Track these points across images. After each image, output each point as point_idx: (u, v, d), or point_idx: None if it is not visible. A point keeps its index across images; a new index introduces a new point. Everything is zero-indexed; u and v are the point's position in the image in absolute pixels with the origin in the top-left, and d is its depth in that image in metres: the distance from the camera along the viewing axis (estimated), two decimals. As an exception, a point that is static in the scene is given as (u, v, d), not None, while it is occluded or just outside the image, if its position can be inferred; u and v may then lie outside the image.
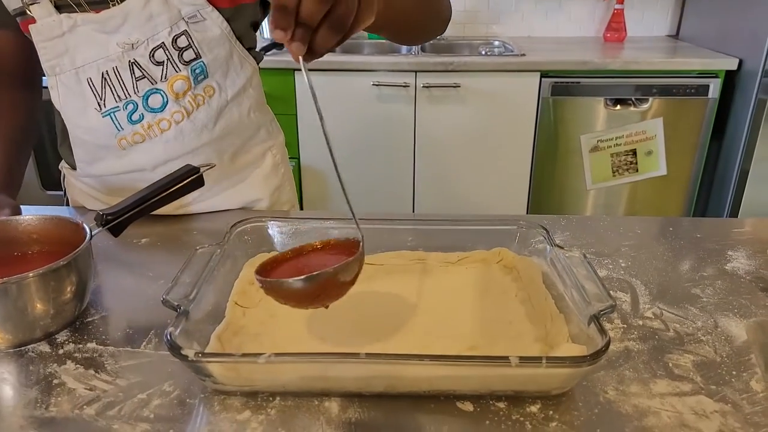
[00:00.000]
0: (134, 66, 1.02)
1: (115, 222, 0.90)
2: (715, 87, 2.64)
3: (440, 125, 2.75)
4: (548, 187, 2.88)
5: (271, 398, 0.67)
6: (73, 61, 1.02)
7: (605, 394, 0.68)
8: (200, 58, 1.04)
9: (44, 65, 1.02)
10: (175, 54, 1.02)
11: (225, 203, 1.18)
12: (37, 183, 2.99)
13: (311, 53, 0.63)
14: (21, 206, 0.99)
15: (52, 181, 2.96)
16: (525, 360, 0.61)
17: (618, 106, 2.70)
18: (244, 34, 1.10)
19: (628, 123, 2.72)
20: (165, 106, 1.04)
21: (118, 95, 1.03)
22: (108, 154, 1.09)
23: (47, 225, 0.87)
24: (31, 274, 0.72)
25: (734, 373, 0.71)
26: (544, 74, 2.65)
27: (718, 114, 2.69)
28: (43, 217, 0.87)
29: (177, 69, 1.03)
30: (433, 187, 2.88)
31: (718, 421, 0.64)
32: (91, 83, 1.02)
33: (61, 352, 0.75)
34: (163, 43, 1.01)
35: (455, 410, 0.66)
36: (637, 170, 2.78)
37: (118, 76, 1.02)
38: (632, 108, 2.70)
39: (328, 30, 0.61)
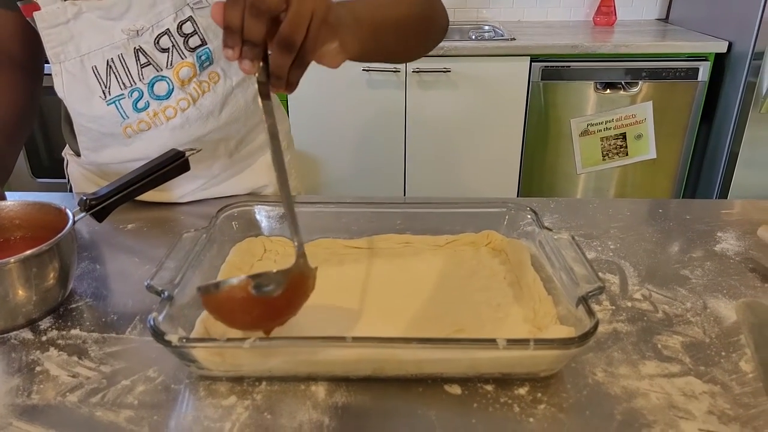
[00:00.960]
0: (139, 53, 1.00)
1: (99, 207, 0.89)
2: (704, 70, 2.63)
3: (431, 110, 2.74)
4: (539, 171, 2.88)
5: (257, 383, 0.66)
6: (78, 49, 1.00)
7: (594, 375, 0.67)
8: (206, 44, 1.02)
9: (48, 53, 1.00)
10: (180, 40, 1.00)
11: (231, 189, 1.17)
12: (27, 171, 2.96)
13: (276, 79, 0.64)
14: (8, 193, 0.97)
15: (42, 168, 2.94)
16: (512, 342, 0.61)
17: (608, 90, 2.70)
18: None
19: (618, 107, 2.72)
20: (170, 94, 1.03)
21: (123, 83, 1.01)
22: (113, 142, 1.08)
23: (30, 210, 0.86)
24: (12, 260, 0.71)
25: (723, 353, 0.71)
26: (534, 58, 2.64)
27: (707, 97, 2.69)
28: (25, 203, 0.86)
29: (183, 56, 1.01)
30: (424, 172, 2.87)
31: (707, 402, 0.63)
32: (95, 71, 1.01)
33: (44, 338, 0.74)
34: (168, 29, 0.99)
35: (443, 393, 0.65)
36: (627, 154, 2.78)
37: (124, 64, 1.00)
38: (622, 92, 2.69)
39: (277, 50, 0.62)
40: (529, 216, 0.88)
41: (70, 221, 0.80)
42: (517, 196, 2.89)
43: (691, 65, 2.63)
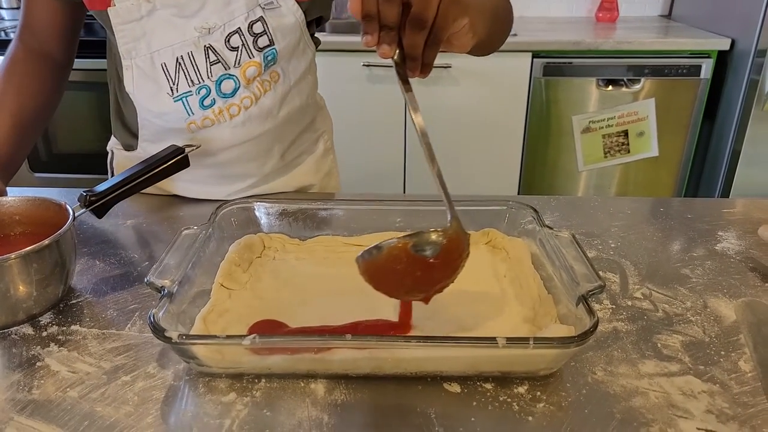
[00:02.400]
0: (209, 51, 1.00)
1: (99, 203, 0.89)
2: (707, 67, 2.62)
3: (432, 106, 2.73)
4: (540, 168, 2.87)
5: (256, 380, 0.67)
6: (149, 46, 1.00)
7: (593, 374, 0.67)
8: (273, 45, 1.03)
9: (120, 49, 1.01)
10: (250, 40, 1.01)
11: (280, 188, 1.19)
12: (25, 165, 2.97)
13: (411, 60, 0.68)
14: (7, 189, 0.97)
15: (39, 163, 2.94)
16: (512, 341, 0.61)
17: (610, 87, 2.69)
18: (311, 23, 1.09)
19: (620, 104, 2.71)
20: (236, 92, 1.03)
21: (191, 79, 1.02)
22: (175, 135, 1.08)
23: (30, 206, 0.86)
24: (12, 256, 0.71)
25: (723, 353, 0.71)
26: (536, 54, 2.63)
27: (710, 94, 2.68)
28: (25, 199, 0.86)
29: (251, 55, 1.02)
30: (424, 169, 2.84)
31: (706, 401, 0.64)
32: (165, 68, 1.01)
33: (44, 334, 0.75)
34: (239, 28, 1.00)
35: (442, 392, 0.65)
36: (628, 151, 2.77)
37: (193, 61, 1.01)
38: (624, 89, 2.69)
39: (410, 29, 0.65)
40: (529, 214, 0.88)
41: (70, 217, 0.80)
42: (518, 194, 2.89)
43: (693, 62, 2.62)
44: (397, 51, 0.68)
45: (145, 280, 0.70)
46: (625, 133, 2.75)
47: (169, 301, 0.68)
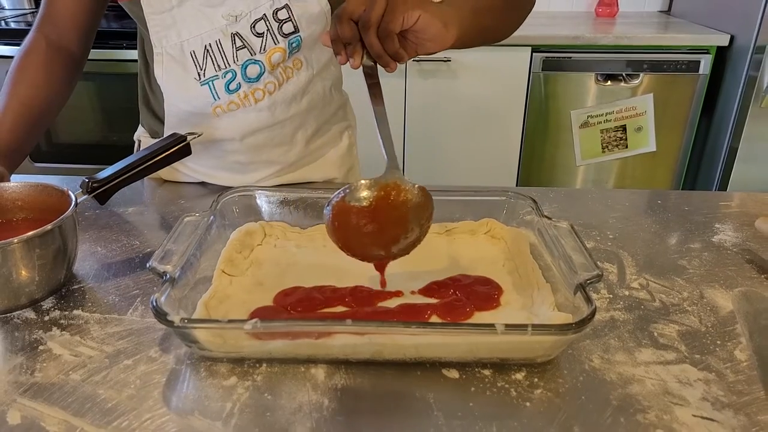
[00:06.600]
0: (236, 37, 1.02)
1: (101, 190, 0.89)
2: (706, 63, 2.63)
3: (431, 99, 2.74)
4: (538, 162, 2.88)
5: (257, 365, 0.67)
6: (179, 34, 1.01)
7: (590, 362, 0.68)
8: (298, 32, 1.04)
9: (152, 38, 1.02)
10: (275, 26, 1.02)
11: (304, 177, 1.20)
12: (25, 155, 2.96)
13: (378, 58, 0.79)
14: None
15: (40, 153, 2.94)
16: (511, 327, 0.62)
17: (609, 82, 2.69)
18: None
19: (619, 99, 2.71)
20: (260, 77, 1.04)
21: (218, 65, 1.03)
22: (201, 121, 1.09)
23: (32, 192, 0.86)
24: (15, 240, 0.72)
25: (719, 342, 0.72)
26: (535, 49, 2.63)
27: (708, 90, 2.69)
28: (28, 184, 0.87)
29: (276, 41, 1.03)
30: (423, 162, 2.87)
31: (702, 389, 0.64)
32: (193, 55, 1.02)
33: (46, 318, 0.75)
34: (264, 15, 1.01)
35: (441, 377, 0.66)
36: (626, 146, 2.78)
37: (220, 48, 1.02)
38: (623, 84, 2.69)
39: (362, 32, 0.75)
40: (528, 205, 0.88)
41: (73, 203, 0.80)
42: (516, 187, 2.89)
43: (692, 58, 2.62)
44: (364, 57, 0.78)
45: (148, 265, 0.71)
46: (623, 128, 2.75)
47: (171, 287, 0.69)
